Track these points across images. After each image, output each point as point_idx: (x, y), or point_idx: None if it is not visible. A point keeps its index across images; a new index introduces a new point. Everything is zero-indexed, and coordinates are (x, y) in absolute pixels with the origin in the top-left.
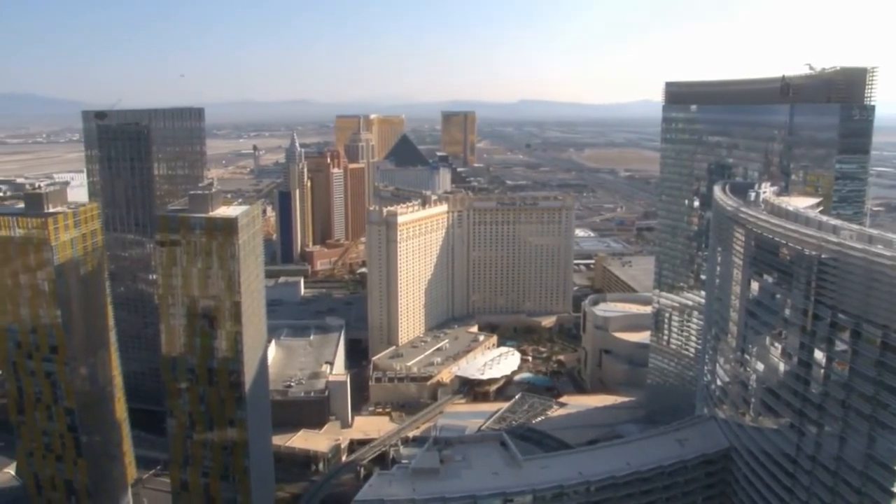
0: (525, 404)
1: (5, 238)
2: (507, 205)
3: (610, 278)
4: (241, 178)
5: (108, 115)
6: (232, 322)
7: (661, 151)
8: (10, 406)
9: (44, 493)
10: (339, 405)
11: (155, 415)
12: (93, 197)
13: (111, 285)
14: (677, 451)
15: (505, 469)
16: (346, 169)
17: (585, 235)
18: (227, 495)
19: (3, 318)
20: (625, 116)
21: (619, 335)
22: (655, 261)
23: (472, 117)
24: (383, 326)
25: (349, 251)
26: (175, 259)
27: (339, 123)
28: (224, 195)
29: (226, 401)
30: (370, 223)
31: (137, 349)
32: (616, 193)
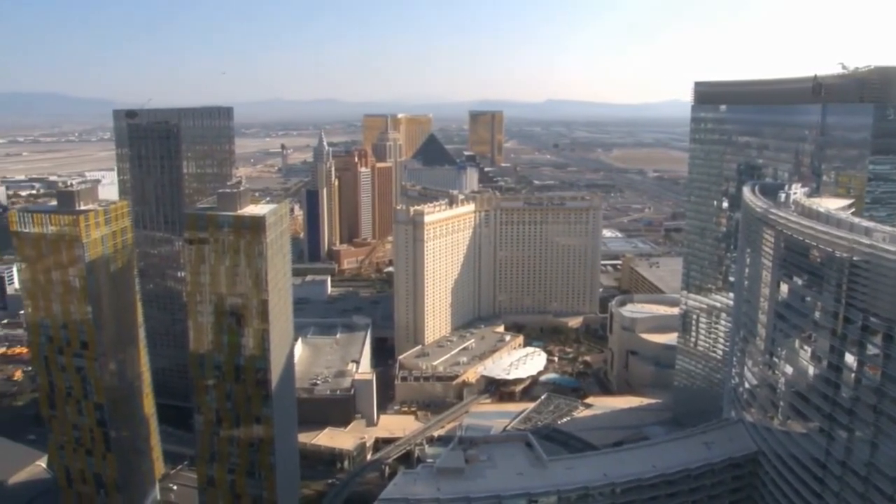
0: (551, 405)
1: (38, 235)
2: (534, 205)
3: (637, 279)
4: (269, 177)
5: (138, 115)
6: (259, 320)
7: (690, 152)
8: (41, 400)
9: (74, 486)
10: (364, 403)
11: (182, 411)
12: (123, 195)
13: (140, 282)
14: (704, 454)
15: (530, 469)
16: (373, 168)
17: (613, 236)
18: (252, 491)
19: (36, 314)
20: (653, 116)
21: (646, 336)
22: (683, 262)
23: (499, 117)
24: (410, 325)
25: (376, 250)
26: (203, 257)
27: (366, 123)
28: (252, 193)
29: (252, 398)
30: (397, 222)
31: (166, 346)
32: (644, 194)
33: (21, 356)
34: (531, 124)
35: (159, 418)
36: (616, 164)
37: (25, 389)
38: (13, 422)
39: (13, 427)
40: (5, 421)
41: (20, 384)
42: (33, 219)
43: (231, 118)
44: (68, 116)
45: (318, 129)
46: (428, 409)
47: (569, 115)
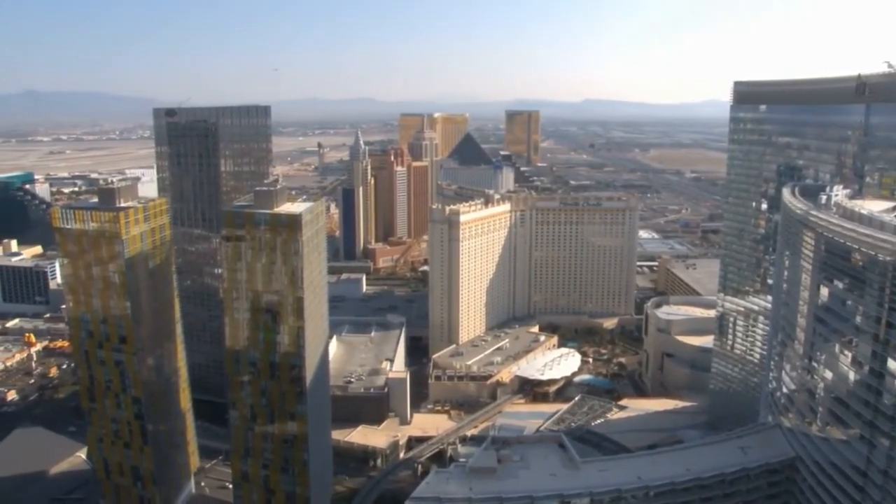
0: (584, 406)
1: (80, 231)
2: (570, 205)
3: (673, 281)
4: (306, 175)
5: (177, 113)
6: (294, 317)
7: (729, 152)
8: (81, 393)
9: (112, 478)
10: (398, 402)
11: (218, 406)
12: (162, 192)
13: (178, 278)
14: (740, 459)
15: (563, 471)
16: (409, 167)
17: (649, 237)
18: (286, 487)
19: (77, 309)
20: (691, 116)
21: (682, 339)
22: (720, 264)
23: (535, 116)
24: (444, 324)
25: (411, 249)
26: (240, 254)
27: (403, 122)
28: (289, 192)
29: (287, 394)
30: (433, 221)
31: (202, 342)
32: (681, 195)
33: (63, 350)
34: (568, 124)
35: (195, 413)
36: (653, 165)
37: (66, 382)
38: (55, 413)
39: (55, 419)
40: (48, 413)
41: (61, 377)
42: (75, 215)
43: (268, 117)
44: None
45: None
46: (461, 408)
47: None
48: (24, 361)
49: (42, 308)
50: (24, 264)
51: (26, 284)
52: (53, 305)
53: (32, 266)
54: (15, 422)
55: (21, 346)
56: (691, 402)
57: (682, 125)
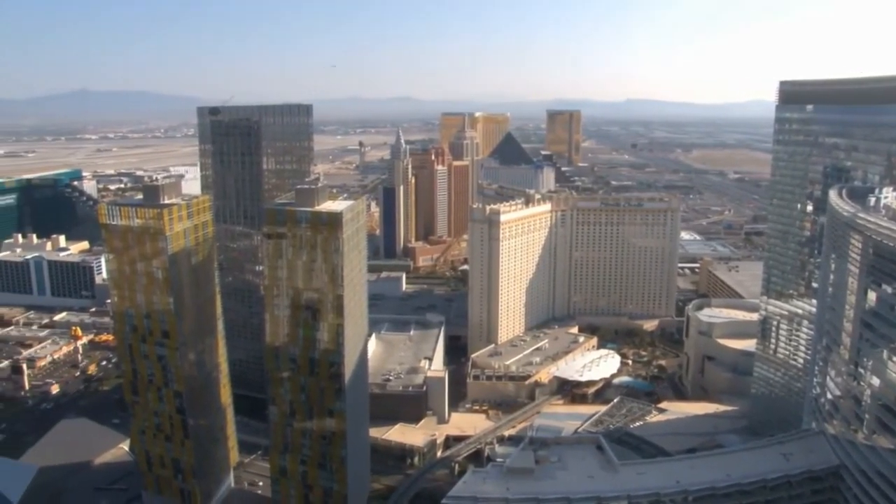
0: (623, 408)
1: (125, 227)
2: (611, 205)
3: (715, 283)
4: (347, 174)
5: (221, 112)
6: (334, 315)
7: (774, 153)
8: (125, 386)
9: (153, 470)
10: (436, 401)
11: (257, 402)
12: (205, 189)
13: (220, 275)
14: (782, 465)
15: (600, 473)
16: (450, 166)
17: (691, 238)
18: (323, 483)
19: (121, 303)
20: (736, 116)
21: (724, 342)
22: (764, 266)
23: (577, 116)
24: (483, 324)
25: (451, 248)
26: (281, 251)
27: (444, 121)
28: (330, 190)
29: (326, 391)
30: (473, 221)
31: (243, 338)
32: (724, 196)
33: (107, 343)
34: (609, 124)
35: (235, 408)
36: (696, 165)
37: (111, 375)
38: (100, 405)
39: (99, 410)
40: (92, 404)
41: (106, 370)
42: (120, 212)
43: (310, 115)
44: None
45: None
46: (499, 408)
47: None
48: (70, 354)
49: (88, 302)
50: (72, 259)
51: (73, 279)
52: (99, 300)
53: (79, 261)
54: (61, 413)
55: (68, 339)
56: (732, 407)
57: (726, 125)
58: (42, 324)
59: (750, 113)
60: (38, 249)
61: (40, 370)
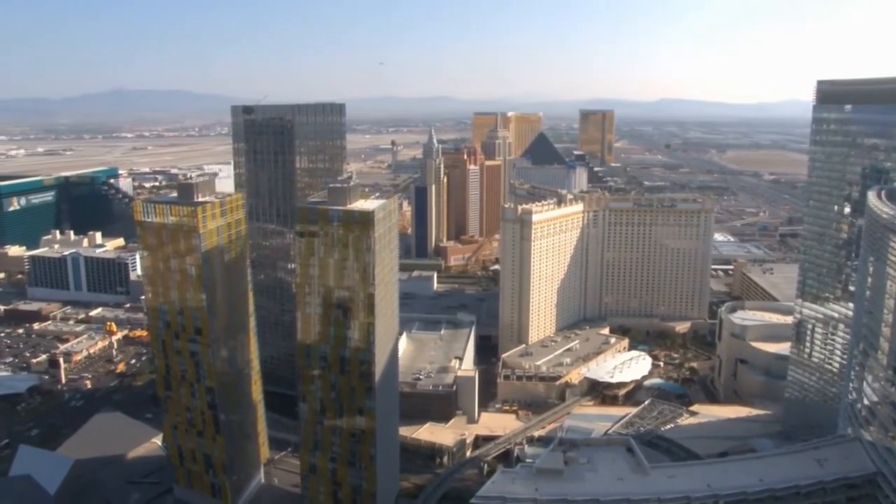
0: (654, 410)
1: (159, 225)
2: (643, 206)
3: (749, 285)
4: (379, 173)
5: (254, 110)
6: (365, 313)
7: (810, 154)
8: (158, 382)
9: (185, 464)
10: (466, 400)
11: (288, 399)
12: (238, 188)
13: (252, 273)
14: (816, 472)
15: (630, 475)
16: (482, 166)
17: (725, 240)
18: (353, 481)
19: (155, 300)
20: (771, 117)
21: (757, 345)
22: (799, 269)
23: (610, 116)
24: (514, 324)
25: (483, 248)
26: (313, 250)
27: (476, 120)
28: (362, 189)
29: (356, 389)
30: (505, 220)
31: (274, 335)
32: (759, 197)
33: (141, 339)
34: (643, 124)
35: (266, 405)
36: (730, 166)
37: (144, 370)
38: (133, 400)
39: (133, 405)
40: (126, 399)
41: (140, 365)
42: (155, 209)
43: (343, 114)
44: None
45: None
46: (529, 408)
47: (682, 115)
48: (105, 349)
49: (123, 298)
50: (107, 256)
51: (108, 275)
52: (133, 296)
53: (114, 258)
54: (96, 407)
55: (103, 334)
56: (765, 411)
57: (761, 125)
58: (78, 319)
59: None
60: (75, 246)
61: (76, 364)
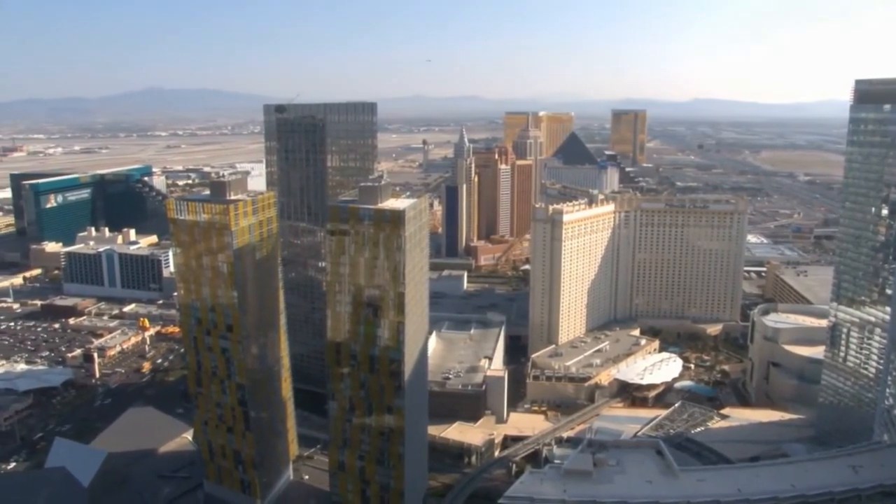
0: (685, 413)
1: (192, 222)
2: (675, 206)
3: (782, 287)
4: (410, 172)
5: (287, 109)
6: (395, 312)
7: (847, 154)
8: (189, 378)
9: (215, 460)
10: (495, 400)
11: (317, 396)
12: (270, 186)
13: (283, 270)
14: (850, 478)
15: (659, 478)
16: (513, 165)
17: (758, 241)
18: (381, 479)
19: (187, 296)
20: (807, 117)
21: (790, 348)
22: (834, 271)
23: (642, 116)
24: (544, 324)
25: (513, 247)
26: (344, 248)
27: (507, 120)
28: (393, 188)
29: (385, 388)
30: (535, 220)
31: (304, 333)
32: (794, 198)
33: (173, 335)
34: (675, 124)
35: (295, 402)
36: (764, 167)
37: (176, 366)
38: (165, 395)
39: (164, 400)
40: (158, 394)
41: (171, 361)
42: (188, 207)
43: (374, 113)
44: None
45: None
46: (558, 409)
47: (715, 115)
48: (138, 345)
49: (156, 295)
50: (141, 252)
51: (142, 272)
52: (166, 292)
53: (148, 254)
54: (129, 401)
55: (136, 330)
56: (798, 415)
57: (797, 126)
58: (112, 314)
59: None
60: (110, 242)
61: (110, 359)
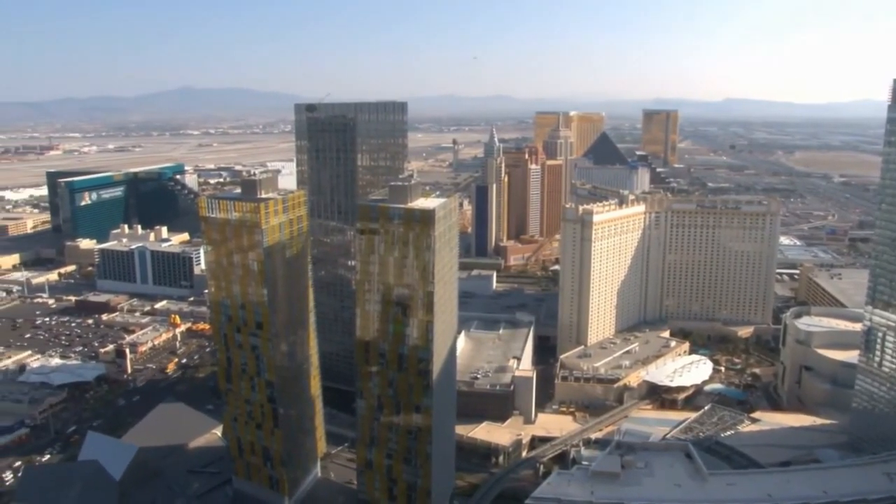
0: (714, 416)
1: (223, 220)
2: (707, 207)
3: (815, 290)
4: (440, 171)
5: (317, 109)
6: (424, 311)
7: (884, 155)
8: (219, 374)
9: (244, 456)
10: (523, 400)
11: (346, 394)
12: (301, 185)
13: (313, 269)
14: (885, 486)
15: (688, 481)
16: (543, 165)
17: (791, 243)
18: (408, 478)
19: (218, 294)
20: (842, 117)
21: (823, 352)
22: (870, 274)
23: (674, 116)
24: (573, 325)
25: (543, 247)
26: (373, 247)
27: (538, 119)
28: (423, 187)
29: (414, 387)
30: (565, 220)
31: (334, 331)
32: (828, 200)
33: (204, 332)
34: (707, 124)
35: (324, 400)
36: (798, 168)
37: (206, 362)
38: (195, 391)
39: (194, 396)
40: (189, 390)
41: (201, 357)
42: (219, 205)
43: (405, 113)
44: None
45: (490, 125)
46: (587, 410)
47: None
48: (169, 341)
49: (187, 292)
50: (173, 250)
51: (173, 269)
52: (197, 289)
53: (179, 252)
54: (159, 397)
55: (167, 326)
56: (831, 420)
57: (832, 126)
58: (144, 311)
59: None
60: (143, 240)
61: (141, 355)
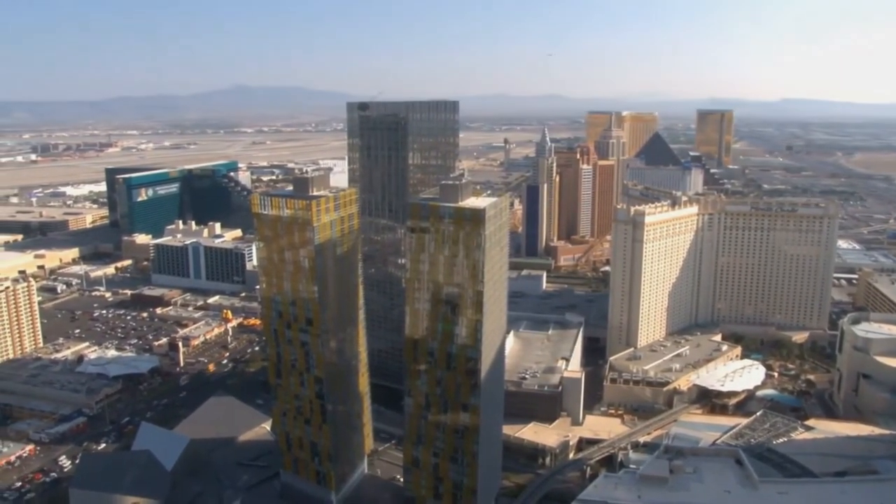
0: (766, 422)
1: (275, 217)
2: (762, 210)
3: (875, 296)
4: (491, 170)
5: (369, 107)
6: (473, 310)
7: None
8: (270, 369)
9: (292, 451)
10: (571, 402)
11: (394, 392)
12: (352, 183)
13: (363, 266)
14: None
15: (738, 488)
16: (595, 165)
17: (849, 247)
18: (454, 476)
19: (269, 290)
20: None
21: (883, 360)
22: None
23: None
24: (623, 327)
25: (594, 248)
26: (424, 245)
27: (590, 119)
28: (474, 186)
29: (462, 386)
30: (617, 221)
31: (383, 329)
32: (889, 203)
33: (255, 327)
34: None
35: (372, 397)
36: (858, 170)
37: (257, 357)
38: (246, 385)
39: (245, 390)
40: (239, 384)
41: (252, 353)
42: (272, 202)
43: (456, 112)
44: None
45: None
46: (635, 413)
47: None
48: (221, 335)
49: (239, 287)
50: (225, 246)
51: (226, 265)
52: (249, 285)
53: (232, 248)
54: (211, 390)
55: (219, 321)
56: (889, 430)
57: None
58: (197, 305)
59: None
60: (196, 236)
61: (194, 349)
